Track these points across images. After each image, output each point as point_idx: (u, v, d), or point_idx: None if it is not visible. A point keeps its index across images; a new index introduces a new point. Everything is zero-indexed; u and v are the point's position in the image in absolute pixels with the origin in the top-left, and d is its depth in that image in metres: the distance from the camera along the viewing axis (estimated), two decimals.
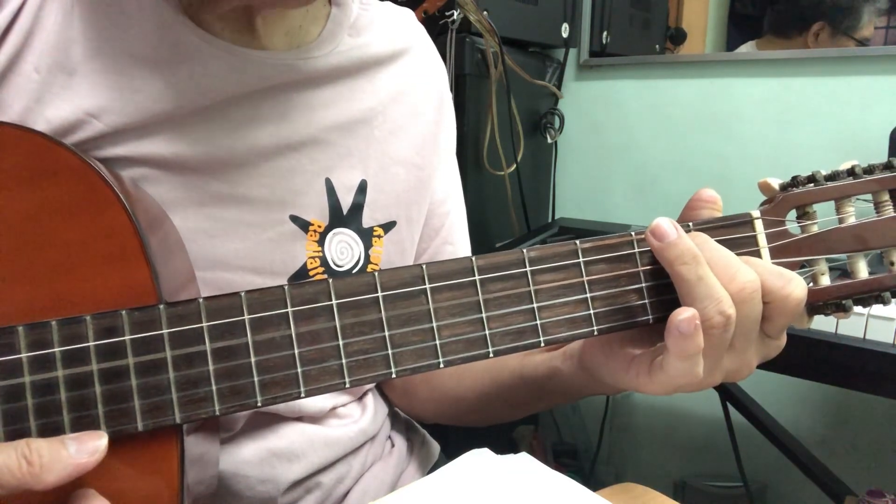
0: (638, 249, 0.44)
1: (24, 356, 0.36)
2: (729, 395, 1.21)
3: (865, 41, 1.32)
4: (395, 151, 0.61)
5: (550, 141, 1.54)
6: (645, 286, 0.44)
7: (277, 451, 0.55)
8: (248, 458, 0.54)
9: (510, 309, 0.42)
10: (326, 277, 0.55)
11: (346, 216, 0.58)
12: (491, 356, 0.42)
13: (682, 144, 1.47)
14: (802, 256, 0.44)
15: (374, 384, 0.67)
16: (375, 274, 0.40)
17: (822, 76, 1.31)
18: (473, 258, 0.42)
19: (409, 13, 0.67)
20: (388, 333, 0.40)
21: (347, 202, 0.58)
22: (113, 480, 0.38)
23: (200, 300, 0.38)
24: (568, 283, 0.43)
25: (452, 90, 1.21)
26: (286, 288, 0.39)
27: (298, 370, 0.39)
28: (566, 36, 1.49)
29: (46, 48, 0.47)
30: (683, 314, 0.39)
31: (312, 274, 0.56)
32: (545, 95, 1.53)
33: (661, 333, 0.42)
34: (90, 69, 0.48)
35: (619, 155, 1.56)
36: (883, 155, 1.07)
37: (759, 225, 0.44)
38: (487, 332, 0.41)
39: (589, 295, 0.43)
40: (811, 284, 0.44)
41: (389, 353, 0.40)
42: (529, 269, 0.42)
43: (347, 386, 0.40)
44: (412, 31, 0.66)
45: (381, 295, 0.40)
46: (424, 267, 0.41)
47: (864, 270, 0.44)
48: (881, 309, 0.78)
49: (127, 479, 0.38)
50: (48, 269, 0.38)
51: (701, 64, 1.46)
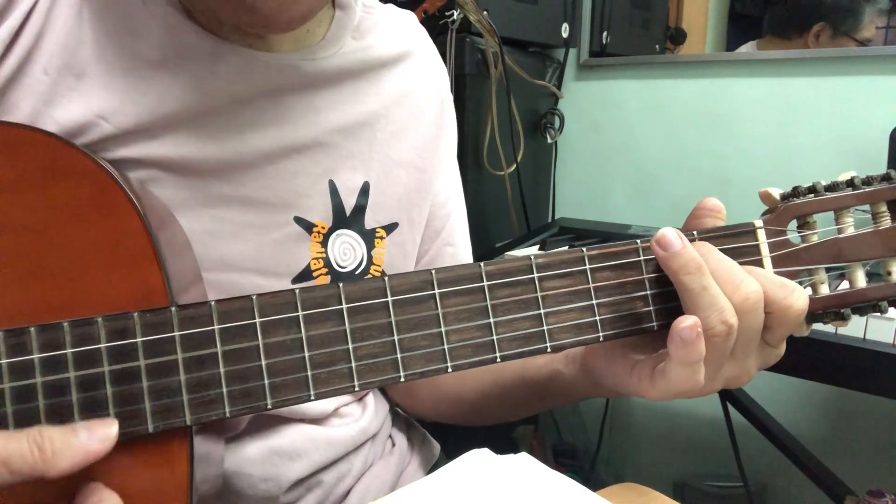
0: (643, 257, 0.44)
1: (36, 357, 0.37)
2: (729, 395, 1.21)
3: (866, 42, 1.32)
4: (396, 154, 0.62)
5: (550, 141, 1.54)
6: (650, 293, 0.44)
7: (279, 449, 0.56)
8: (250, 456, 0.55)
9: (517, 314, 0.42)
10: (330, 278, 0.57)
11: (349, 218, 0.58)
12: (498, 361, 0.42)
13: (682, 144, 1.47)
14: (803, 265, 0.45)
15: None
16: (385, 279, 0.41)
17: (822, 76, 1.31)
18: (482, 264, 0.42)
19: (411, 16, 0.68)
20: (397, 338, 0.41)
21: (350, 204, 0.58)
22: (122, 479, 0.38)
23: (212, 303, 0.39)
24: (574, 289, 0.43)
25: (452, 90, 1.21)
26: (297, 291, 0.40)
27: (309, 373, 0.40)
28: (566, 36, 1.49)
29: (56, 50, 0.47)
30: (685, 322, 0.40)
31: (316, 275, 0.56)
32: (545, 95, 1.53)
33: (663, 340, 0.43)
34: (98, 71, 0.48)
35: (619, 155, 1.56)
36: (883, 155, 1.08)
37: (761, 234, 0.45)
38: (495, 337, 0.42)
39: (595, 301, 0.43)
40: (811, 293, 0.45)
41: (398, 357, 0.41)
42: (537, 275, 0.43)
43: (357, 389, 0.40)
44: (414, 34, 0.67)
45: (390, 299, 0.41)
46: (434, 272, 0.41)
47: (862, 280, 0.45)
48: None
49: (136, 477, 0.39)
50: (60, 270, 0.39)
51: (701, 64, 1.46)
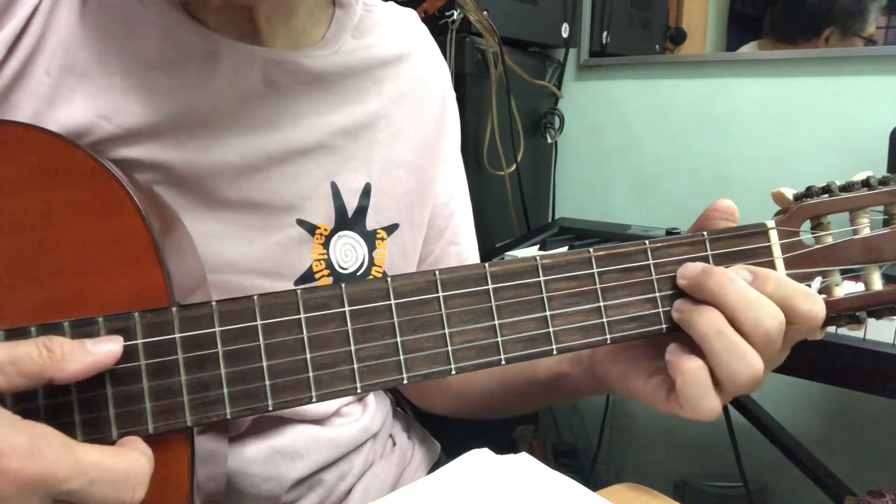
0: (652, 259, 0.43)
1: None
2: None
3: (872, 38, 1.32)
4: (396, 154, 0.61)
5: (550, 141, 1.54)
6: (659, 295, 0.43)
7: (281, 449, 0.56)
8: (252, 456, 0.55)
9: (523, 316, 0.42)
10: (332, 280, 0.57)
11: (350, 219, 0.58)
12: (503, 363, 0.41)
13: (682, 144, 1.47)
14: (817, 267, 0.43)
15: None
16: (388, 279, 0.40)
17: (821, 76, 1.31)
18: (486, 265, 0.42)
19: (412, 14, 0.67)
20: (399, 339, 0.40)
21: (352, 205, 0.58)
22: None
23: (213, 303, 0.39)
24: (581, 290, 0.42)
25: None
26: (299, 292, 0.39)
27: (310, 374, 0.39)
28: (566, 36, 1.49)
29: (57, 51, 0.47)
30: (687, 364, 0.41)
31: (318, 276, 0.56)
32: (545, 95, 1.53)
33: (672, 340, 0.42)
34: (99, 72, 0.48)
35: (619, 155, 1.56)
36: (883, 155, 1.07)
37: (773, 235, 0.44)
38: (500, 339, 0.41)
39: (602, 304, 0.43)
40: (825, 296, 0.44)
41: (401, 358, 0.40)
42: (542, 276, 0.42)
43: (359, 391, 0.40)
44: (416, 32, 0.66)
45: (393, 300, 0.40)
46: (437, 273, 0.41)
47: (878, 282, 0.44)
48: None
49: None
50: (62, 269, 0.39)
51: (701, 64, 1.46)
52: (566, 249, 1.13)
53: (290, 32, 0.55)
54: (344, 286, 0.40)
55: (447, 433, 0.78)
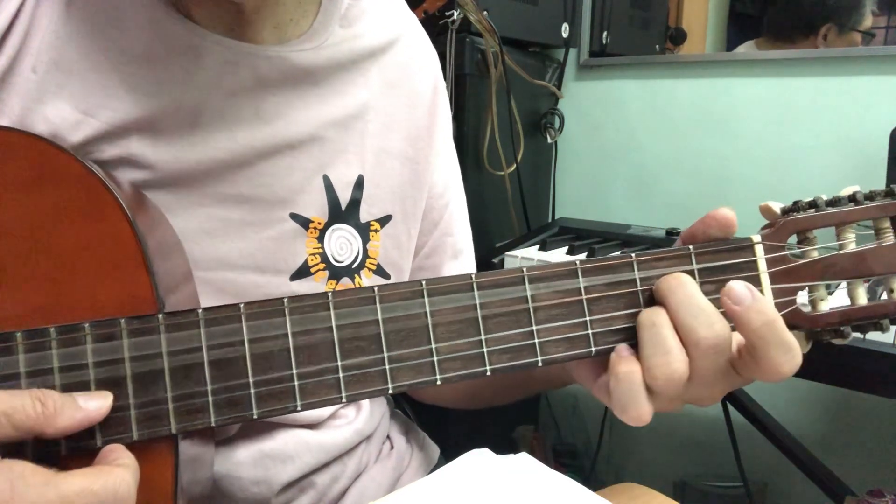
0: (638, 272, 0.43)
1: (21, 361, 0.37)
2: (729, 394, 1.21)
3: (870, 31, 1.32)
4: (389, 145, 0.61)
5: (550, 141, 1.54)
6: (644, 309, 0.43)
7: (270, 452, 0.55)
8: (241, 459, 0.54)
9: (509, 329, 0.42)
10: (327, 273, 0.56)
11: (344, 212, 0.58)
12: (488, 374, 0.41)
13: (682, 144, 1.47)
14: (802, 282, 0.44)
15: None
16: (375, 289, 0.41)
17: (821, 76, 1.31)
18: (473, 275, 0.42)
19: (400, 2, 0.66)
20: (385, 349, 0.40)
21: (346, 198, 0.58)
22: None
23: (199, 311, 0.39)
24: (567, 302, 0.42)
25: (452, 90, 1.21)
26: (285, 301, 0.40)
27: (295, 384, 0.39)
28: (566, 36, 1.49)
29: (43, 48, 0.47)
30: (621, 366, 0.41)
31: (313, 270, 0.56)
32: (545, 95, 1.53)
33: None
34: (86, 67, 0.48)
35: (619, 155, 1.56)
36: (883, 155, 1.07)
37: (759, 250, 0.44)
38: (485, 349, 0.41)
39: (588, 318, 0.42)
40: (810, 310, 0.44)
41: (387, 368, 0.40)
42: (529, 287, 0.42)
43: (344, 400, 0.40)
44: (402, 18, 0.65)
45: (379, 309, 0.40)
46: (424, 283, 0.41)
47: (863, 297, 0.44)
48: None
49: None
50: (49, 273, 0.39)
51: (701, 64, 1.45)
52: (566, 249, 1.13)
53: (278, 22, 0.54)
54: (331, 294, 0.40)
55: (447, 434, 0.78)
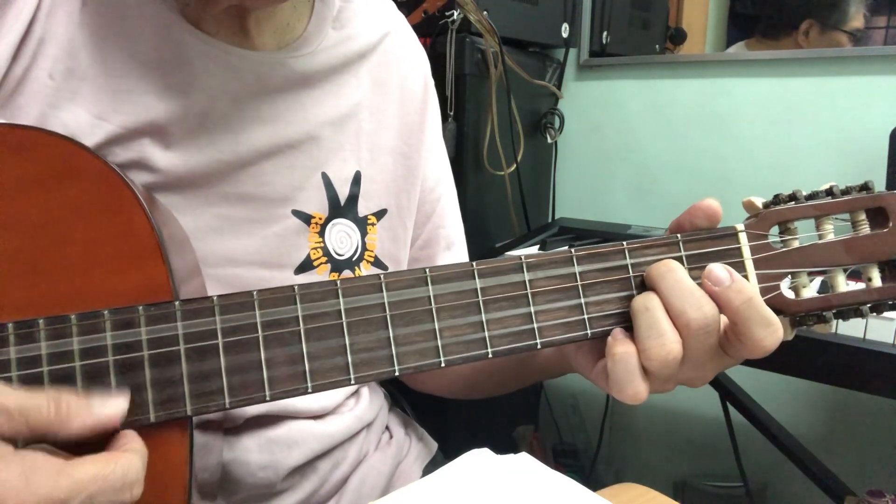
0: (629, 259, 0.46)
1: (43, 347, 0.38)
2: (729, 394, 1.21)
3: (857, 32, 1.31)
4: (383, 141, 0.64)
5: (550, 141, 1.54)
6: (636, 293, 0.46)
7: (277, 438, 0.57)
8: (249, 445, 0.56)
9: (508, 312, 0.44)
10: (329, 266, 0.59)
11: (343, 207, 0.61)
12: (490, 356, 0.43)
13: (682, 144, 1.48)
14: (784, 269, 0.46)
15: None
16: (381, 275, 0.42)
17: (821, 76, 1.31)
18: (474, 263, 0.44)
19: (388, 2, 0.69)
20: (391, 333, 0.42)
21: (344, 193, 0.61)
22: None
23: (214, 297, 0.40)
24: (563, 287, 0.45)
25: (452, 90, 1.22)
26: (296, 288, 0.41)
27: (306, 366, 0.41)
28: (566, 36, 1.49)
29: (59, 54, 0.49)
30: (618, 348, 0.43)
31: (316, 264, 0.59)
32: (545, 95, 1.53)
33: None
34: (97, 73, 0.50)
35: (619, 155, 1.57)
36: (883, 155, 1.07)
37: (743, 238, 0.46)
38: (487, 333, 0.43)
39: (583, 300, 0.45)
40: (793, 296, 0.46)
41: (393, 352, 0.42)
42: (527, 273, 0.44)
43: (353, 383, 0.42)
44: (389, 17, 0.68)
45: (385, 295, 0.42)
46: (427, 270, 0.43)
47: (842, 284, 0.47)
48: None
49: None
50: (69, 265, 0.40)
51: (701, 64, 1.46)
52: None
53: (276, 27, 0.58)
54: (339, 282, 0.42)
55: (446, 435, 0.78)
